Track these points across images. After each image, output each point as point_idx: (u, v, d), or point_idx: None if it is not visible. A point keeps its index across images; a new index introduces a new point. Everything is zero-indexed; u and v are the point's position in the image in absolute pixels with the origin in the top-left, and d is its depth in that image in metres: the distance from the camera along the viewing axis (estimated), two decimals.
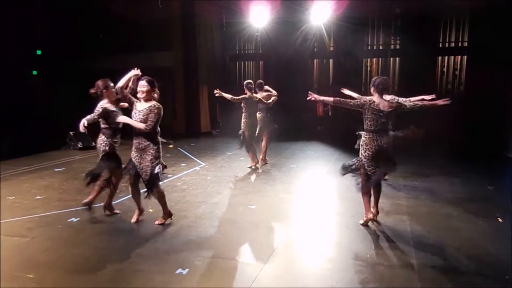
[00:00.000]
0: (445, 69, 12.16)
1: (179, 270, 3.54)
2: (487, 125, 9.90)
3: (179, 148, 9.67)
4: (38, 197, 5.79)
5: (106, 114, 4.74)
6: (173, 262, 3.70)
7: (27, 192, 6.06)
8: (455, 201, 5.65)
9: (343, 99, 4.62)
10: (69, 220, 4.82)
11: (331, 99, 4.60)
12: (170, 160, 8.09)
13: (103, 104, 4.76)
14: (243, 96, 7.37)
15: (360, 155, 4.59)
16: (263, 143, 7.98)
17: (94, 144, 9.71)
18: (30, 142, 9.27)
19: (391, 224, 4.71)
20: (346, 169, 4.83)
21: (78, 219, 4.86)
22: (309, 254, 4.02)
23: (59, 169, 7.64)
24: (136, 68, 4.47)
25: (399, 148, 6.04)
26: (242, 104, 7.42)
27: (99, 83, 4.81)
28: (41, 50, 11.19)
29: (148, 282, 3.36)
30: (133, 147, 4.47)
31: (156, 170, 4.38)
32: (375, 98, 4.49)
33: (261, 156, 8.01)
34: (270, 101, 7.70)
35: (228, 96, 7.29)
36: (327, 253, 4.01)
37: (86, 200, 4.97)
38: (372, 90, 4.54)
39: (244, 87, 7.44)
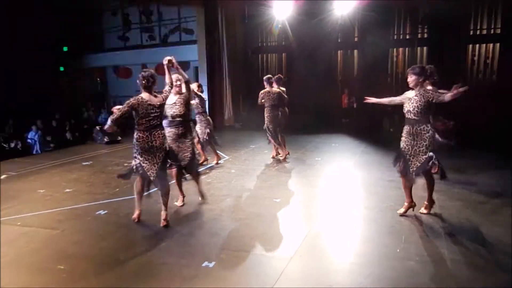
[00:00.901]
0: (476, 58, 11.67)
1: (205, 263, 3.53)
2: None
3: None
4: (68, 190, 5.92)
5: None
6: (199, 255, 3.69)
7: (57, 185, 6.21)
8: (490, 194, 5.42)
9: (392, 97, 4.66)
10: (97, 212, 4.91)
11: (385, 100, 4.71)
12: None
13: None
14: (263, 91, 7.40)
15: None
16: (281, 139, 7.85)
17: (119, 138, 9.97)
18: (59, 137, 9.51)
19: (423, 218, 4.56)
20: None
21: (106, 211, 4.94)
22: (336, 248, 3.94)
23: (87, 163, 7.80)
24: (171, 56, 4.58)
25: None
26: (264, 100, 7.43)
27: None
28: (67, 47, 11.42)
29: (175, 275, 3.37)
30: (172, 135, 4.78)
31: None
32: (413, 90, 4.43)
33: (277, 151, 7.92)
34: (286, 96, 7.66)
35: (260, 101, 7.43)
36: (355, 248, 3.92)
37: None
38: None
39: (265, 82, 7.46)
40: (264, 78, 7.54)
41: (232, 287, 3.20)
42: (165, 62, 4.54)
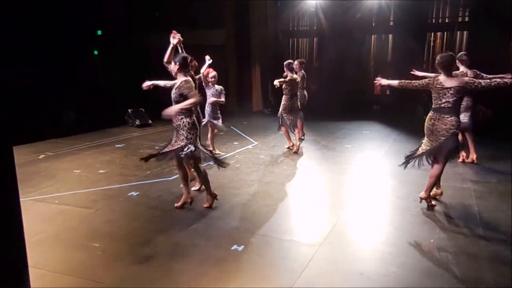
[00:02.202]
0: None
1: (235, 247, 3.56)
2: None
3: (231, 127, 9.72)
4: (101, 171, 6.09)
5: None
6: (228, 239, 3.72)
7: (91, 166, 6.40)
8: None
9: (407, 81, 4.47)
10: (129, 194, 5.02)
11: (396, 82, 4.50)
12: (223, 139, 8.14)
13: None
14: (288, 78, 6.96)
15: None
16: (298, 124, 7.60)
17: (150, 122, 10.13)
18: (93, 119, 9.77)
19: (458, 209, 4.42)
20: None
21: (137, 193, 5.05)
22: (366, 236, 3.87)
23: (119, 145, 7.99)
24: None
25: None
26: (284, 86, 7.04)
27: None
28: (101, 30, 11.60)
29: (204, 257, 3.42)
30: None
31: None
32: (441, 76, 4.23)
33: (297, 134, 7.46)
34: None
35: (278, 82, 6.84)
36: (387, 237, 3.83)
37: None
38: (437, 67, 4.29)
39: (285, 68, 7.02)
40: (285, 63, 7.04)
41: (261, 271, 3.20)
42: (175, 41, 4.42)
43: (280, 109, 7.16)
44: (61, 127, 9.10)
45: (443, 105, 4.17)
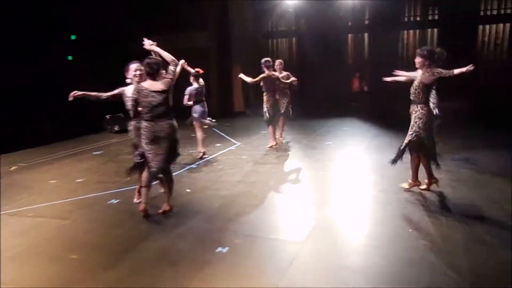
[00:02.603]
0: (486, 39, 11.36)
1: (219, 249, 3.50)
2: None
3: (213, 129, 9.64)
4: (79, 180, 5.93)
5: None
6: (213, 241, 3.67)
7: (68, 175, 6.23)
8: (501, 173, 5.35)
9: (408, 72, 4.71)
10: (109, 202, 4.90)
11: (403, 78, 4.72)
12: (205, 141, 8.04)
13: None
14: (262, 75, 7.01)
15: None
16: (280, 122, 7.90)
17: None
18: (69, 127, 9.53)
19: (435, 199, 4.50)
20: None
21: (118, 200, 4.93)
22: (350, 231, 3.88)
23: (97, 152, 7.82)
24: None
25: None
26: (262, 83, 7.13)
27: None
28: (76, 35, 11.34)
29: (189, 261, 3.35)
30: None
31: None
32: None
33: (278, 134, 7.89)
34: (289, 81, 7.48)
35: (248, 79, 7.02)
36: (369, 230, 3.87)
37: None
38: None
39: (262, 65, 7.08)
40: (262, 61, 7.09)
41: (246, 272, 3.16)
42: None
43: (264, 106, 7.26)
44: (35, 136, 8.81)
45: (412, 97, 4.49)
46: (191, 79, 6.59)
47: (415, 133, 4.46)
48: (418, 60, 4.45)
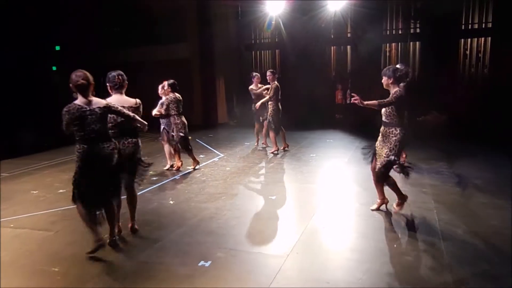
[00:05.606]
0: (468, 52, 11.72)
1: (202, 263, 3.50)
2: None
3: (197, 140, 9.65)
4: (61, 190, 5.85)
5: None
6: (195, 255, 3.67)
7: (50, 186, 6.14)
8: (483, 187, 5.48)
9: (385, 100, 4.31)
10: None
11: (375, 102, 4.28)
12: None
13: None
14: (273, 87, 7.84)
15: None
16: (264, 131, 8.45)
17: None
18: (50, 137, 9.39)
19: (418, 213, 4.57)
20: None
21: (100, 211, 4.86)
22: (333, 245, 3.93)
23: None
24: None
25: (424, 134, 5.86)
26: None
27: None
28: (60, 46, 11.27)
29: (171, 275, 3.34)
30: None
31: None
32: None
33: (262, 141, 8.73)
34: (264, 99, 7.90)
35: (264, 100, 7.85)
36: (352, 244, 3.91)
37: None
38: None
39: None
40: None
41: (229, 286, 3.17)
42: None
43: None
44: (14, 146, 8.66)
45: (385, 119, 4.50)
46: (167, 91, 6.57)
47: (388, 156, 4.37)
48: (382, 80, 4.47)
